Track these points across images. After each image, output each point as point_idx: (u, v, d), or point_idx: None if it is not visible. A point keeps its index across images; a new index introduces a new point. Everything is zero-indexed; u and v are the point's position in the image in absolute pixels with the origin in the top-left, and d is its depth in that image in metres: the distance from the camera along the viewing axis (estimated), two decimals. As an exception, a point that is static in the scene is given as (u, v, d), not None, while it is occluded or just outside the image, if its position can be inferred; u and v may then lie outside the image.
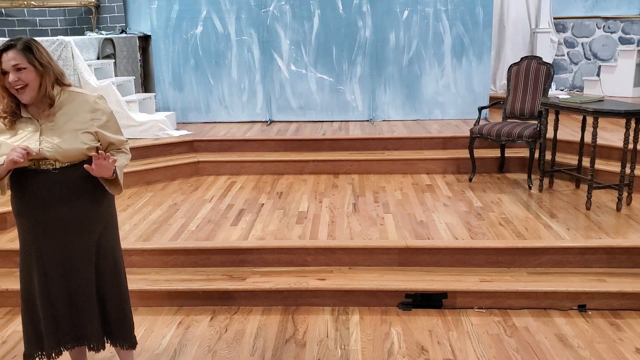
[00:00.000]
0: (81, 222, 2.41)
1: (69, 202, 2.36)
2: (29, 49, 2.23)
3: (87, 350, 2.65)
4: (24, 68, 2.21)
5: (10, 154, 2.16)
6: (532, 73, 5.22)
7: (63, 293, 2.46)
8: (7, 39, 6.46)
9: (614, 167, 4.66)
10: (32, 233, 2.41)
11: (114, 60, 6.96)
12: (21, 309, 2.52)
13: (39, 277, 2.43)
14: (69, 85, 2.40)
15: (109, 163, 2.28)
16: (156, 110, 6.79)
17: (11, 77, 2.19)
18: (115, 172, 2.36)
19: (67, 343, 2.52)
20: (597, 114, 4.24)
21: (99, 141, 2.39)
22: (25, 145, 2.19)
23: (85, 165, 2.28)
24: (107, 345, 2.63)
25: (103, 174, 2.32)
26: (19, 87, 2.21)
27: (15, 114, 2.29)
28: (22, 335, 3.16)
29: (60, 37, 5.94)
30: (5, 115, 2.28)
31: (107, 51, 6.85)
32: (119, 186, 2.44)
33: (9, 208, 4.14)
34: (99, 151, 2.29)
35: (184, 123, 6.92)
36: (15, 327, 3.30)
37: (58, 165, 2.30)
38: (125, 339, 2.64)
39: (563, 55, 8.39)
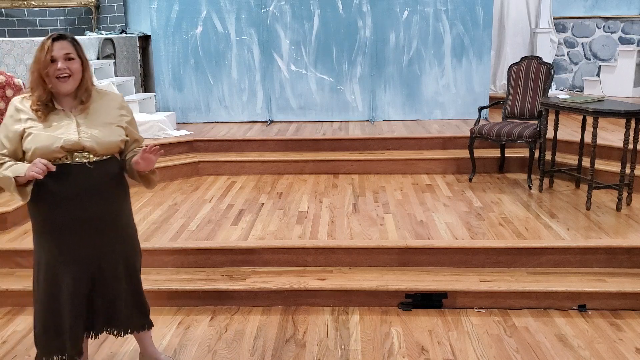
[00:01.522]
0: (114, 216, 2.48)
1: (102, 196, 2.41)
2: (78, 42, 2.35)
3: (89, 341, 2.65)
4: (73, 59, 2.30)
5: (31, 169, 2.19)
6: (532, 73, 5.22)
7: (95, 289, 2.48)
8: (7, 39, 6.47)
9: (614, 167, 4.66)
10: (61, 229, 2.38)
11: (114, 60, 6.96)
12: (38, 309, 2.48)
13: (69, 274, 2.41)
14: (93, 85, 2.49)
15: (155, 157, 2.36)
16: (156, 110, 6.79)
17: (60, 64, 2.26)
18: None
19: (92, 331, 2.57)
20: (597, 114, 4.24)
21: (127, 136, 2.47)
22: (46, 161, 2.22)
23: (134, 160, 2.38)
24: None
25: (148, 167, 2.39)
26: (64, 75, 2.28)
27: (48, 106, 2.33)
28: (22, 335, 3.17)
29: (60, 37, 5.93)
30: (38, 106, 2.31)
31: (107, 51, 6.86)
32: (154, 181, 2.53)
33: (9, 208, 4.17)
34: (148, 145, 2.36)
35: (184, 123, 6.92)
36: (15, 327, 3.29)
37: (92, 158, 2.35)
38: (146, 320, 2.71)
39: (563, 55, 8.40)
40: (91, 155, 2.35)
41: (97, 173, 2.38)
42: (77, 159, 2.33)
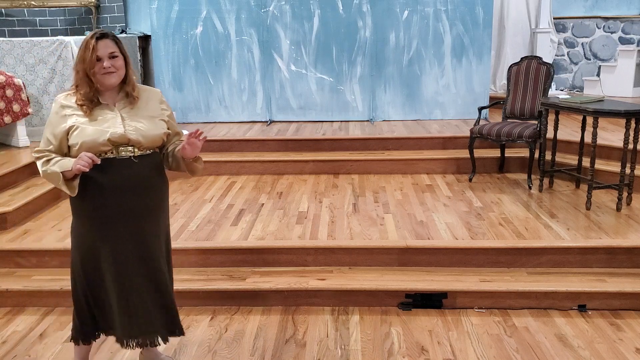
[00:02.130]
0: (156, 209, 2.53)
1: (146, 189, 2.46)
2: (119, 40, 2.42)
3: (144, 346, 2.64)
4: (116, 56, 2.37)
5: (77, 162, 2.24)
6: (532, 73, 5.22)
7: (137, 284, 2.48)
8: (7, 39, 6.48)
9: (614, 167, 4.66)
10: (107, 221, 2.41)
11: (114, 60, 6.95)
12: (80, 301, 2.53)
13: (112, 269, 2.44)
14: None
15: (200, 142, 2.42)
16: (156, 110, 6.78)
17: (106, 62, 2.34)
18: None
19: (137, 336, 2.54)
20: (597, 114, 4.24)
21: (168, 129, 2.53)
22: (91, 154, 2.26)
23: (179, 148, 2.44)
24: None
25: (194, 152, 2.44)
26: (110, 72, 2.35)
27: (92, 102, 2.38)
28: (22, 335, 3.17)
29: (60, 37, 5.94)
30: (83, 102, 2.36)
31: (107, 51, 6.85)
32: (199, 168, 2.57)
33: (9, 208, 4.18)
34: (195, 129, 2.43)
35: (184, 123, 6.92)
36: (15, 327, 3.30)
37: (137, 152, 2.41)
38: (180, 327, 2.69)
39: (563, 55, 8.39)
40: (136, 149, 2.41)
41: (141, 166, 2.43)
42: (122, 152, 2.39)
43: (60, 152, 2.38)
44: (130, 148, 2.39)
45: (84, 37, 7.17)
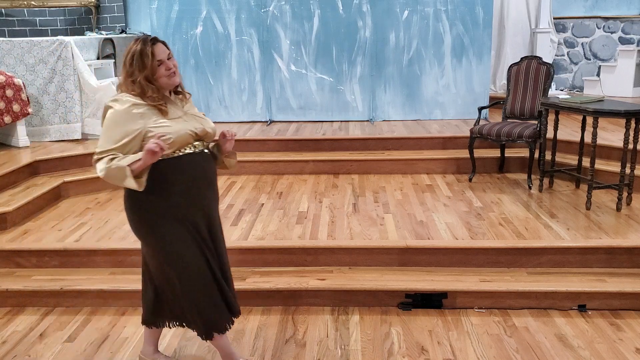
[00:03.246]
0: (218, 198, 2.66)
1: (214, 180, 2.57)
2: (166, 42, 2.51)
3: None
4: (171, 57, 2.46)
5: (148, 146, 2.23)
6: (532, 73, 5.22)
7: (220, 269, 2.59)
8: (7, 39, 6.47)
9: (614, 167, 4.66)
10: (186, 214, 2.44)
11: (114, 60, 6.96)
12: (197, 291, 2.52)
13: (203, 255, 2.51)
14: None
15: (233, 139, 2.60)
16: (156, 110, 6.78)
17: (170, 62, 2.42)
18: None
19: (236, 310, 2.68)
20: (597, 114, 4.24)
21: None
22: (160, 133, 2.29)
23: (226, 140, 2.58)
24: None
25: (232, 145, 2.62)
26: (174, 72, 2.43)
27: (162, 99, 2.42)
28: (22, 335, 3.17)
29: (60, 37, 5.94)
30: (156, 101, 2.38)
31: (107, 51, 6.85)
32: (235, 161, 2.70)
33: (9, 208, 4.18)
34: (226, 130, 2.60)
35: (184, 123, 6.91)
36: (15, 327, 3.30)
37: (204, 146, 2.50)
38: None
39: (563, 55, 8.39)
40: (205, 143, 2.50)
41: (211, 159, 2.56)
42: (199, 147, 2.46)
43: (126, 151, 2.33)
44: (198, 143, 2.47)
45: (84, 37, 7.10)
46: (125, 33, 7.91)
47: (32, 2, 8.45)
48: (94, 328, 3.27)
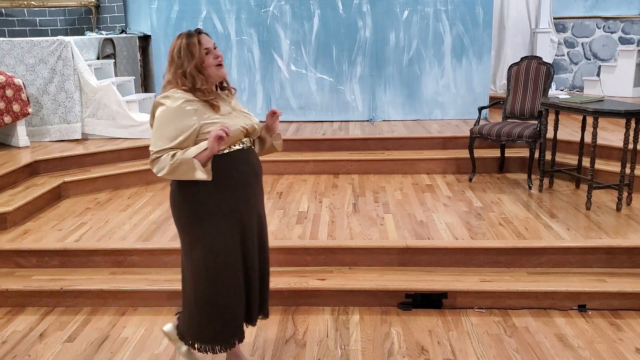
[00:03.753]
0: (263, 194, 2.63)
1: (261, 176, 2.57)
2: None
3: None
4: (216, 48, 2.43)
5: (213, 133, 2.22)
6: (532, 73, 5.22)
7: (259, 267, 2.58)
8: (7, 39, 6.47)
9: (614, 167, 4.66)
10: (235, 209, 2.43)
11: (114, 60, 6.96)
12: (211, 299, 2.48)
13: (243, 254, 2.49)
14: None
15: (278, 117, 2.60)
16: (156, 110, 6.77)
17: (217, 52, 2.41)
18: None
19: (254, 319, 2.65)
20: (597, 114, 4.24)
21: None
22: (223, 125, 2.27)
23: (275, 118, 2.59)
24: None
25: (277, 127, 2.63)
26: (221, 62, 2.42)
27: (213, 95, 2.41)
28: (22, 335, 3.17)
29: (60, 37, 5.94)
30: (207, 97, 2.36)
31: (107, 51, 6.85)
32: (281, 142, 2.70)
33: (9, 208, 4.18)
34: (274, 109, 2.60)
35: (184, 123, 6.90)
36: (15, 327, 3.30)
37: (250, 142, 2.50)
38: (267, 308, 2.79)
39: (563, 55, 8.39)
40: (251, 139, 2.50)
41: (256, 156, 2.57)
42: (247, 143, 2.46)
43: (182, 148, 2.30)
44: (247, 138, 2.47)
45: (84, 37, 7.10)
46: (125, 33, 7.91)
47: (32, 2, 8.45)
48: (94, 328, 3.27)
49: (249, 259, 2.52)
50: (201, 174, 2.27)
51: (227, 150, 2.38)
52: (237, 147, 2.41)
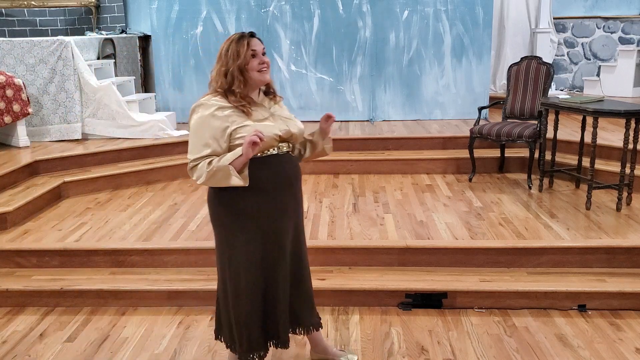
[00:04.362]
0: (301, 200, 2.61)
1: (298, 182, 2.55)
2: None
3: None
4: (265, 54, 2.44)
5: (247, 138, 2.22)
6: (532, 73, 5.22)
7: (291, 275, 2.55)
8: (7, 39, 6.47)
9: (614, 167, 4.66)
10: (271, 215, 2.43)
11: (114, 60, 6.96)
12: (239, 307, 2.48)
13: (275, 261, 2.48)
14: None
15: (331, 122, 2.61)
16: (156, 110, 6.79)
17: (264, 57, 2.41)
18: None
19: (281, 336, 2.60)
20: (597, 114, 4.24)
21: None
22: (257, 130, 2.25)
23: (314, 131, 2.61)
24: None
25: (330, 130, 2.63)
26: (266, 68, 2.41)
27: (248, 102, 2.40)
28: (22, 335, 3.17)
29: (60, 37, 5.94)
30: (241, 101, 2.37)
31: (107, 51, 6.85)
32: (331, 146, 2.71)
33: (9, 208, 4.18)
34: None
35: (184, 123, 6.90)
36: (15, 327, 3.30)
37: (289, 147, 2.49)
38: (317, 318, 2.77)
39: (563, 55, 8.40)
40: (290, 145, 2.49)
41: (295, 160, 2.55)
42: (284, 148, 2.45)
43: (217, 154, 2.32)
44: (285, 144, 2.45)
45: (84, 37, 7.10)
46: (125, 33, 7.91)
47: (32, 2, 8.45)
48: (94, 328, 3.27)
49: (278, 267, 2.49)
50: (237, 180, 2.28)
51: (260, 155, 2.37)
52: (272, 152, 2.41)
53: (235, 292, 2.47)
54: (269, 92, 2.53)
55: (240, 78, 2.36)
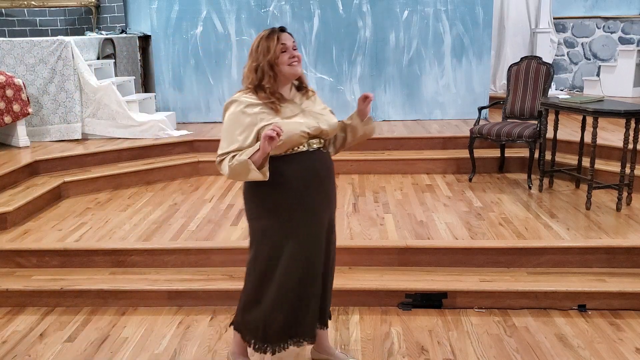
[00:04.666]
0: (334, 198, 2.60)
1: (329, 179, 2.53)
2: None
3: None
4: (296, 48, 2.42)
5: (264, 134, 2.21)
6: (532, 73, 5.22)
7: (324, 270, 2.56)
8: (7, 39, 6.47)
9: (614, 167, 4.66)
10: (302, 212, 2.43)
11: (114, 60, 6.96)
12: (276, 299, 2.49)
13: (308, 258, 2.47)
14: None
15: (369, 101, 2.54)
16: (156, 110, 6.79)
17: (295, 52, 2.39)
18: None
19: (315, 327, 2.61)
20: (597, 114, 4.24)
21: None
22: (273, 126, 2.23)
23: (367, 102, 2.53)
24: None
25: (368, 111, 2.58)
26: (296, 62, 2.39)
27: (278, 98, 2.40)
28: (22, 335, 3.17)
29: (60, 37, 5.94)
30: (271, 98, 2.36)
31: (107, 51, 6.85)
32: (374, 126, 2.63)
33: (9, 208, 4.18)
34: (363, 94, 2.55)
35: (184, 123, 6.91)
36: (15, 327, 3.30)
37: (321, 143, 2.47)
38: (330, 317, 2.78)
39: (563, 55, 8.40)
40: (322, 141, 2.47)
41: (327, 156, 2.53)
42: (314, 145, 2.43)
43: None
44: (316, 140, 2.44)
45: (84, 37, 7.10)
46: (125, 33, 7.91)
47: (32, 2, 8.45)
48: (94, 328, 3.27)
49: (311, 266, 2.48)
50: (256, 174, 2.28)
51: (290, 152, 2.37)
52: (301, 149, 2.40)
53: (263, 282, 2.49)
54: (301, 87, 2.52)
55: (270, 73, 2.36)
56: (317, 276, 2.52)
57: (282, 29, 2.41)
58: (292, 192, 2.40)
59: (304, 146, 2.40)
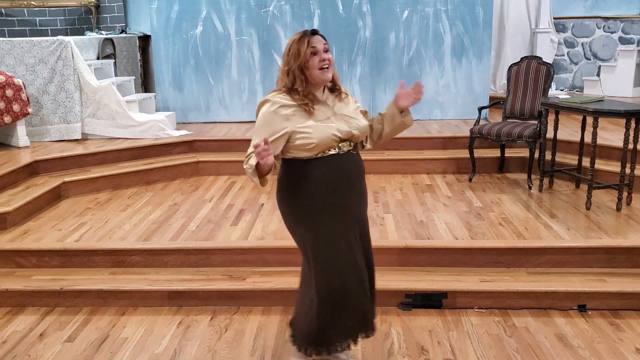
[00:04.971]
0: (365, 199, 2.61)
1: (359, 181, 2.55)
2: (325, 37, 2.44)
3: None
4: (328, 50, 2.40)
5: (256, 151, 2.20)
6: (532, 73, 5.22)
7: (365, 272, 2.57)
8: (7, 39, 6.47)
9: (614, 167, 4.66)
10: (340, 215, 2.45)
11: (114, 60, 6.96)
12: (324, 303, 2.51)
13: (350, 259, 2.49)
14: None
15: (417, 95, 2.51)
16: (156, 110, 6.79)
17: (325, 55, 2.36)
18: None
19: (362, 330, 2.64)
20: (597, 114, 4.24)
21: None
22: (259, 142, 2.20)
23: (391, 102, 2.52)
24: None
25: (409, 102, 2.51)
26: (326, 66, 2.37)
27: (311, 100, 2.39)
28: (22, 335, 3.17)
29: (60, 37, 5.94)
30: (304, 100, 2.36)
31: (107, 51, 6.85)
32: (411, 119, 2.58)
33: (9, 208, 4.18)
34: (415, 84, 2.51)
35: (184, 123, 6.91)
36: (15, 327, 3.30)
37: (351, 146, 2.46)
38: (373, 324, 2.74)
39: (563, 55, 8.39)
40: (352, 143, 2.46)
41: (357, 158, 2.52)
42: (344, 148, 2.43)
43: (272, 150, 2.30)
44: (347, 143, 2.44)
45: (84, 37, 7.10)
46: (125, 33, 7.91)
47: (32, 2, 8.45)
48: (94, 328, 3.27)
49: (351, 268, 2.50)
50: (255, 180, 2.35)
51: (321, 155, 2.38)
52: (332, 152, 2.40)
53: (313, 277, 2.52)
54: (334, 88, 2.51)
55: (302, 77, 2.36)
56: (359, 274, 2.53)
57: (314, 32, 2.39)
58: (324, 196, 2.41)
59: (334, 149, 2.40)
